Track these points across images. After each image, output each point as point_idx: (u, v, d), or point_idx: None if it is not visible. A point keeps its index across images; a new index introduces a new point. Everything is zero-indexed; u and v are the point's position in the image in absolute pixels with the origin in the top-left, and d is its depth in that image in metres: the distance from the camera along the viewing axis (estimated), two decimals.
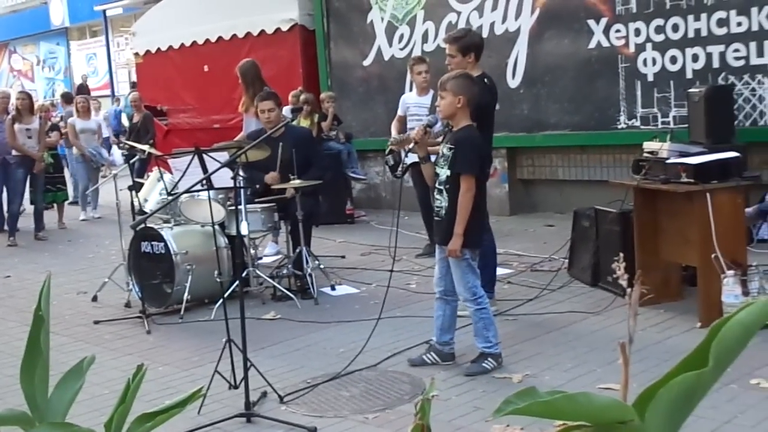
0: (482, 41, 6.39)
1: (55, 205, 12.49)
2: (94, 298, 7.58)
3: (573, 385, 4.68)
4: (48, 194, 12.04)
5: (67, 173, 14.05)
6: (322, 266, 7.55)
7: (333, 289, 7.39)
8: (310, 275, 7.16)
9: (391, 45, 11.45)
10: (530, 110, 10.02)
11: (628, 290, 1.09)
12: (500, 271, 7.45)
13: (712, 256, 5.45)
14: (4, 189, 11.54)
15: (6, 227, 11.47)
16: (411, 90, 8.42)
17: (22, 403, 1.69)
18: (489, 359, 5.06)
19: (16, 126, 11.11)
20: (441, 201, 5.08)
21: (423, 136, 5.22)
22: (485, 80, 6.00)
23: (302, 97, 10.97)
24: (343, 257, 8.75)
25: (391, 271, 6.05)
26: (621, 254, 1.23)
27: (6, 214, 11.51)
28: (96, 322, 6.85)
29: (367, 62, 11.79)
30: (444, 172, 5.05)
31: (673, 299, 6.10)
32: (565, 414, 1.05)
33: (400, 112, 8.37)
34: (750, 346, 1.17)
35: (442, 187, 5.07)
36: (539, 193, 10.66)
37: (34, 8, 31.56)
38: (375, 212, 11.33)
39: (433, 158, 5.32)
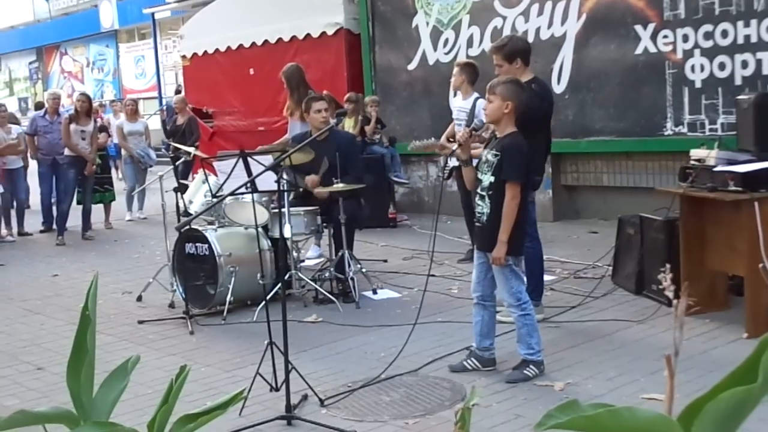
0: (527, 45, 6.36)
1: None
2: (139, 298, 7.67)
3: (616, 394, 4.64)
4: (96, 194, 12.19)
5: (114, 174, 14.25)
6: (364, 270, 7.55)
7: (375, 293, 7.39)
8: (352, 279, 7.17)
9: (435, 49, 11.44)
10: (575, 116, 9.95)
11: (675, 301, 1.07)
12: (544, 277, 7.41)
13: (760, 265, 5.36)
14: (54, 189, 11.74)
15: (55, 226, 11.66)
16: (456, 94, 8.43)
17: (68, 401, 1.71)
18: (531, 366, 5.03)
19: (72, 126, 11.28)
20: (483, 207, 5.06)
21: (468, 139, 5.20)
22: (533, 86, 5.96)
23: (347, 95, 10.99)
24: (386, 261, 8.75)
25: (428, 275, 6.01)
26: (668, 265, 1.21)
27: (55, 214, 11.69)
28: (140, 322, 6.93)
29: (411, 66, 11.79)
30: (487, 178, 5.02)
31: (719, 309, 6.01)
32: (608, 429, 1.04)
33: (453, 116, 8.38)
34: None
35: (484, 193, 5.05)
36: (583, 199, 10.57)
37: (85, 11, 32.04)
38: (417, 216, 11.31)
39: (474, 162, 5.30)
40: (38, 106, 17.80)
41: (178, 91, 16.13)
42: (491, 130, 5.35)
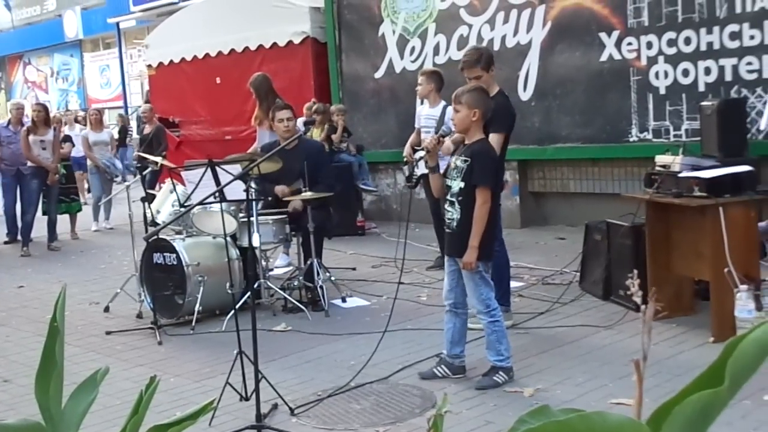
0: (492, 53, 6.52)
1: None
2: (106, 309, 7.60)
3: (584, 399, 4.66)
4: (61, 205, 12.07)
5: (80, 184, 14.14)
6: (333, 278, 7.55)
7: (344, 301, 7.39)
8: (321, 287, 7.16)
9: (402, 57, 11.47)
10: (541, 123, 10.02)
11: (642, 307, 1.08)
12: (511, 284, 7.44)
13: (725, 270, 5.42)
14: (18, 200, 11.61)
15: (20, 237, 11.53)
16: (423, 102, 8.47)
17: (35, 413, 1.69)
18: (500, 373, 5.05)
19: (31, 137, 11.18)
20: (453, 213, 5.08)
21: (435, 146, 5.22)
22: (505, 93, 6.11)
23: (314, 107, 11.00)
24: (354, 269, 8.75)
25: (399, 283, 6.05)
26: (635, 270, 1.23)
27: (20, 225, 11.57)
28: (108, 333, 6.87)
29: (378, 74, 11.81)
30: (457, 184, 5.04)
31: (686, 313, 6.08)
32: None
33: (416, 125, 8.40)
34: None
35: (454, 199, 5.07)
36: (550, 205, 10.64)
37: (49, 20, 31.77)
38: (386, 224, 11.32)
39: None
40: None
41: (148, 101, 16.12)
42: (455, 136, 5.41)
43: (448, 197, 5.10)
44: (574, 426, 1.01)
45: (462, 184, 5.01)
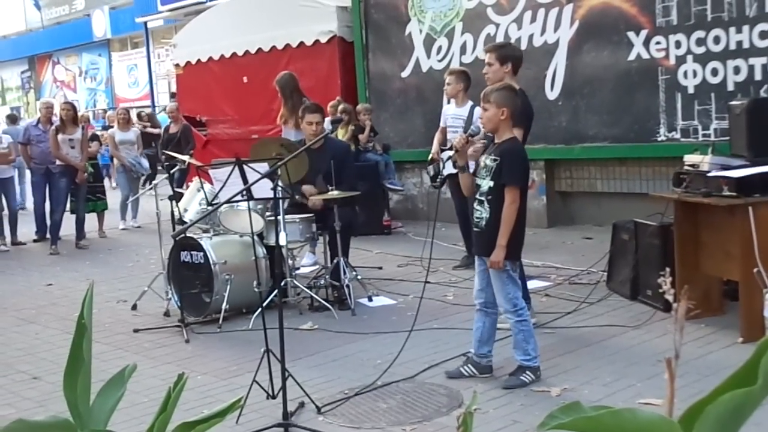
0: (521, 54, 6.43)
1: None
2: (134, 307, 7.65)
3: (612, 399, 4.64)
4: (88, 203, 12.17)
5: (107, 183, 14.25)
6: (359, 277, 7.56)
7: (370, 300, 7.39)
8: (348, 286, 7.17)
9: (429, 57, 11.45)
10: (569, 122, 9.97)
11: (675, 305, 1.07)
12: (538, 283, 7.44)
13: (754, 270, 5.37)
14: (47, 198, 11.72)
15: (48, 236, 11.64)
16: (450, 102, 8.46)
17: (64, 410, 1.70)
18: (527, 372, 5.03)
19: (60, 136, 11.27)
20: (482, 212, 5.06)
21: (465, 145, 5.21)
22: (525, 93, 6.04)
23: (340, 107, 11.02)
24: (380, 268, 8.75)
25: (426, 282, 6.05)
26: (667, 268, 1.21)
27: (48, 223, 11.67)
28: (135, 331, 6.91)
29: (405, 74, 11.80)
30: (486, 183, 5.02)
31: (714, 314, 6.02)
32: (610, 429, 1.04)
33: (441, 124, 8.38)
34: None
35: (483, 198, 5.05)
36: (577, 205, 10.59)
37: (77, 20, 32.02)
38: (412, 223, 11.31)
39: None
40: (12, 118, 17.78)
41: (173, 95, 16.20)
42: (482, 135, 5.38)
43: (478, 196, 5.09)
44: (605, 422, 1.01)
45: (491, 183, 4.99)
